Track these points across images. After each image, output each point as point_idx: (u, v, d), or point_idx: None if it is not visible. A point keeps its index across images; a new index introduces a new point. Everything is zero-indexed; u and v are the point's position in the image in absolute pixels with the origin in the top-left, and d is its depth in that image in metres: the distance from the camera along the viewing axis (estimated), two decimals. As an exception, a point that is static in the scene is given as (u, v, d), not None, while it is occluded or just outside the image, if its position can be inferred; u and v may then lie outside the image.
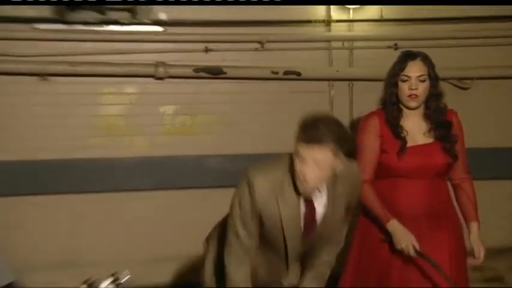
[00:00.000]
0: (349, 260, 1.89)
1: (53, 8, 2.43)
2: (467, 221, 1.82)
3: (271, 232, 1.31)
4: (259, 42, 2.60)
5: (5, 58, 2.37)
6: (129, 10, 2.55)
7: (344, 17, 2.74)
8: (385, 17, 2.77)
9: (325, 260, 1.42)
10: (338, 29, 2.74)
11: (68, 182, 2.53)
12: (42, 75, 2.39)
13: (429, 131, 1.67)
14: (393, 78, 1.68)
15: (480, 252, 1.70)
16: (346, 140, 1.13)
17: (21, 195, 2.45)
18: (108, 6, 2.53)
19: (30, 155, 2.52)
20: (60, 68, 2.45)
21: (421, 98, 1.63)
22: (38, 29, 2.47)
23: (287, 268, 1.46)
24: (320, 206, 1.27)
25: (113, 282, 1.25)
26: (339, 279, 1.92)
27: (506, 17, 2.82)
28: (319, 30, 2.77)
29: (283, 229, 1.26)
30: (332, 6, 2.71)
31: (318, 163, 1.05)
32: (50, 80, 2.40)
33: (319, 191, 1.23)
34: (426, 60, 1.68)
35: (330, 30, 2.76)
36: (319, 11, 2.73)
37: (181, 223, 2.55)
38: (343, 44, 2.74)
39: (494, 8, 2.78)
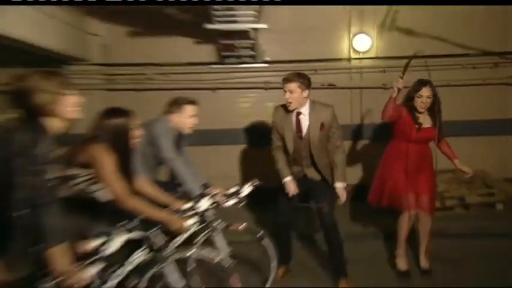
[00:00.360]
0: (374, 180, 3.14)
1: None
2: (452, 159, 2.95)
3: (284, 137, 2.77)
4: (315, 69, 4.33)
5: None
6: (251, 50, 4.36)
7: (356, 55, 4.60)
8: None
9: (336, 160, 2.81)
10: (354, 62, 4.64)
11: (227, 139, 4.64)
12: (214, 89, 4.52)
13: (428, 120, 2.82)
14: (412, 93, 2.82)
15: (468, 169, 2.92)
16: (304, 78, 2.62)
17: (206, 145, 4.42)
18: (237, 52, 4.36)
19: (213, 125, 4.37)
20: (220, 86, 4.56)
21: (427, 107, 2.78)
22: (212, 67, 4.55)
23: (302, 160, 2.83)
24: (304, 120, 2.70)
25: (250, 186, 2.71)
26: (368, 191, 3.21)
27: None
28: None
29: (285, 134, 2.74)
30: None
31: (292, 92, 2.54)
32: (217, 92, 4.51)
33: (301, 112, 2.70)
34: (432, 85, 2.79)
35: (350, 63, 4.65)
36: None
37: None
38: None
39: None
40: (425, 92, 2.75)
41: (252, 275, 3.06)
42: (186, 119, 2.91)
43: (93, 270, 1.89)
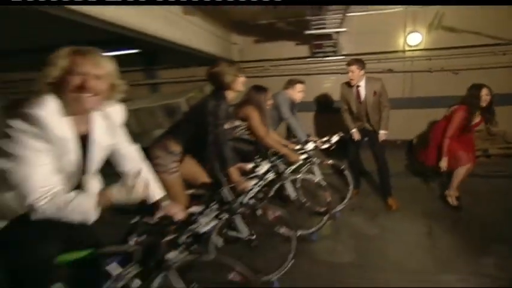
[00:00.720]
0: (431, 144, 3.47)
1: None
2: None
3: (349, 103, 3.43)
4: (378, 59, 5.63)
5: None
6: (333, 47, 5.58)
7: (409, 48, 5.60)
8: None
9: (383, 116, 3.34)
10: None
11: (315, 107, 6.03)
12: (308, 75, 5.92)
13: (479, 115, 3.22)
14: (476, 92, 3.14)
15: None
16: (360, 62, 3.25)
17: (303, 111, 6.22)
18: (324, 49, 5.59)
19: (307, 99, 5.21)
20: (312, 72, 5.84)
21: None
22: (306, 60, 5.91)
23: (362, 117, 3.44)
24: (362, 90, 3.34)
25: (337, 136, 3.56)
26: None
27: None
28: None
29: (350, 101, 3.44)
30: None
31: (353, 72, 3.26)
32: (309, 76, 6.09)
33: (359, 85, 3.30)
34: (489, 88, 3.10)
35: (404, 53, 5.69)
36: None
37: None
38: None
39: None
40: (486, 93, 3.11)
41: (335, 194, 3.65)
42: (296, 93, 3.56)
43: (252, 182, 2.60)
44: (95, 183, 1.57)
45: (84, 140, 1.37)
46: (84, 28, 2.99)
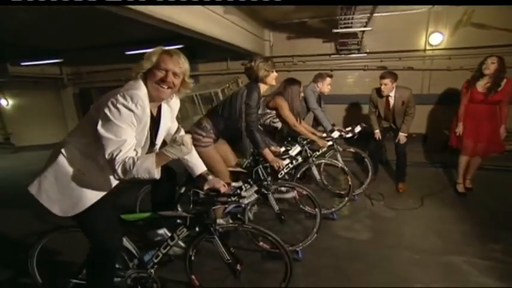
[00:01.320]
0: (452, 126, 3.38)
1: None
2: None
3: (378, 108, 3.46)
4: (399, 57, 5.45)
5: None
6: (358, 45, 5.48)
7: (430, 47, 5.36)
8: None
9: (406, 122, 3.36)
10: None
11: (340, 100, 5.78)
12: (332, 70, 5.68)
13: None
14: (479, 71, 3.07)
15: (504, 132, 3.12)
16: (393, 76, 3.24)
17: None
18: (348, 47, 5.48)
19: (332, 92, 5.01)
20: (336, 68, 5.71)
21: (491, 72, 2.96)
22: (331, 57, 5.78)
23: (388, 120, 3.56)
24: (391, 99, 3.37)
25: (359, 126, 3.49)
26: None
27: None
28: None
29: (379, 106, 3.46)
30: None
31: (386, 85, 3.26)
32: (334, 72, 6.02)
33: (390, 95, 3.32)
34: (499, 57, 2.95)
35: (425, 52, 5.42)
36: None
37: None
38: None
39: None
40: (490, 64, 3.00)
41: (355, 179, 3.74)
42: (325, 86, 3.63)
43: (286, 161, 2.68)
44: None
45: (153, 121, 1.52)
46: (138, 27, 3.15)
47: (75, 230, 1.69)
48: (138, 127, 1.38)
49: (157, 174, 1.32)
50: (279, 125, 3.25)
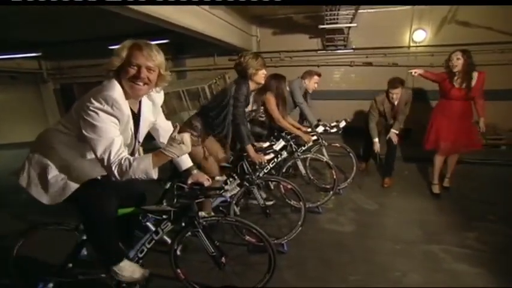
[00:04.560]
0: (428, 128, 3.33)
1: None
2: (479, 116, 3.12)
3: (384, 110, 3.54)
4: (384, 54, 5.69)
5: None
6: (344, 41, 5.60)
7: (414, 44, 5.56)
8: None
9: (399, 119, 3.49)
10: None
11: (325, 96, 5.67)
12: (318, 66, 5.94)
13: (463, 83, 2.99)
14: (447, 68, 3.03)
15: (483, 126, 3.11)
16: (403, 83, 3.44)
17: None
18: (335, 43, 5.62)
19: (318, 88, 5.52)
20: (322, 64, 5.82)
21: (459, 69, 2.95)
22: (318, 52, 5.86)
23: (392, 120, 3.65)
24: (396, 102, 3.48)
25: (344, 121, 3.61)
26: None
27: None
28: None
29: (384, 109, 3.60)
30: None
31: (397, 94, 3.40)
32: (320, 67, 6.07)
33: (397, 98, 3.44)
34: (463, 52, 2.96)
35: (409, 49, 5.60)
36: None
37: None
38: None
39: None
40: (454, 59, 2.99)
41: (342, 171, 3.89)
42: (311, 83, 3.63)
43: (269, 157, 2.68)
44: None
45: (134, 118, 1.50)
46: (124, 22, 3.11)
47: (53, 227, 1.72)
48: (120, 127, 1.38)
49: (154, 174, 1.33)
50: (267, 120, 3.32)
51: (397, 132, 3.50)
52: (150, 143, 1.93)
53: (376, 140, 3.58)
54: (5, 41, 5.92)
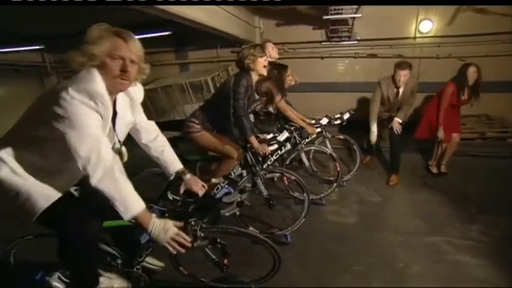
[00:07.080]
0: (423, 117, 3.58)
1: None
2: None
3: (388, 96, 3.43)
4: (389, 45, 5.46)
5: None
6: (348, 32, 5.53)
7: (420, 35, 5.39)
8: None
9: (404, 109, 3.48)
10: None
11: (329, 88, 5.92)
12: (323, 57, 5.83)
13: (468, 93, 3.32)
14: (464, 70, 3.24)
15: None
16: (411, 66, 3.32)
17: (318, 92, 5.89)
18: (339, 34, 5.51)
19: (322, 80, 5.86)
20: (327, 55, 5.76)
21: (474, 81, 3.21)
22: (322, 44, 5.75)
23: (396, 110, 3.58)
24: (401, 89, 3.41)
25: (348, 113, 3.59)
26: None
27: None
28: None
29: (389, 95, 3.48)
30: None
31: (405, 76, 3.29)
32: (324, 59, 5.98)
33: (403, 82, 3.31)
34: (477, 66, 3.19)
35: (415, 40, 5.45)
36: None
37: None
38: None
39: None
40: (472, 71, 3.19)
41: (345, 163, 3.96)
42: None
43: (272, 147, 2.66)
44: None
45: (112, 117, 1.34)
46: (127, 13, 3.07)
47: (42, 235, 1.62)
48: (102, 125, 1.22)
49: (125, 216, 1.16)
50: (272, 110, 3.30)
51: (400, 121, 3.39)
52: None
53: (374, 127, 3.46)
54: (8, 34, 5.92)
